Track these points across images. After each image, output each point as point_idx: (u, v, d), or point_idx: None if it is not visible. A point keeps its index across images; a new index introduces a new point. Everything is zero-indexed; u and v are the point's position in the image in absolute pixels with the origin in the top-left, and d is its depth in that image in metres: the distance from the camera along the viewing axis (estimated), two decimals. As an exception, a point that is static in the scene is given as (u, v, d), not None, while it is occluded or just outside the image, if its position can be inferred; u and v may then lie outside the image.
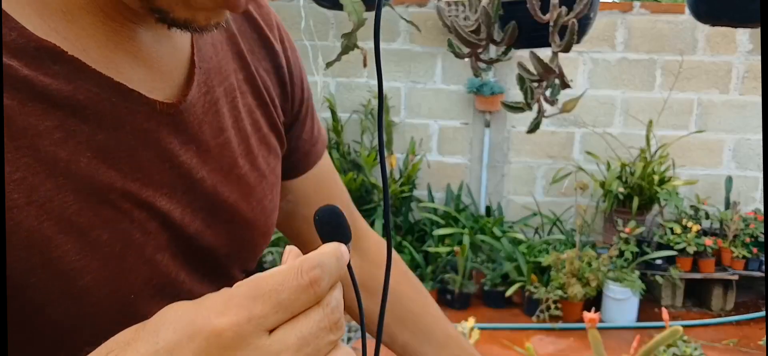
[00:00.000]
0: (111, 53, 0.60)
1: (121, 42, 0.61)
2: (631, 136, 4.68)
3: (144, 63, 0.63)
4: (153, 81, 0.64)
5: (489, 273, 4.46)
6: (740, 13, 1.95)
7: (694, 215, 4.58)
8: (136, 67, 0.62)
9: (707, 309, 4.52)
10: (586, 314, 1.66)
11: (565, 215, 4.83)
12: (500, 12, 1.81)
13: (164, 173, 0.64)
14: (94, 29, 0.59)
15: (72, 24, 0.58)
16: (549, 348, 3.94)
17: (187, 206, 0.66)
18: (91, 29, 0.59)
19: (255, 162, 0.75)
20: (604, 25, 4.57)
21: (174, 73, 0.66)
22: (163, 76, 0.65)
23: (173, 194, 0.64)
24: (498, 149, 4.88)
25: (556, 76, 1.76)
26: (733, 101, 4.67)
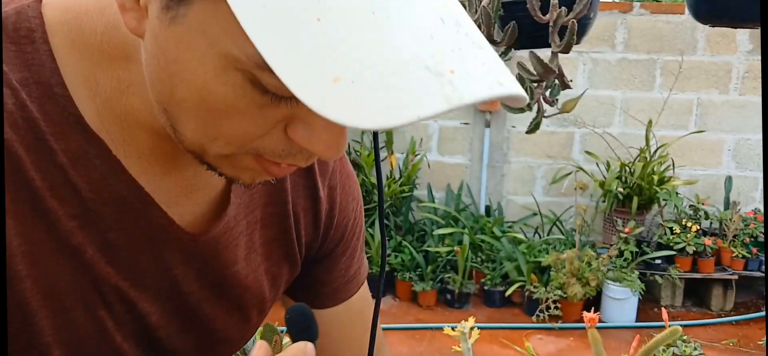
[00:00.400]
0: (149, 165, 0.62)
1: (163, 159, 0.63)
2: (631, 136, 4.68)
3: (178, 183, 0.65)
4: (182, 202, 0.66)
5: (489, 272, 4.47)
6: (740, 13, 1.95)
7: (693, 215, 4.58)
8: (170, 184, 0.64)
9: (707, 309, 4.52)
10: (586, 314, 1.66)
11: (564, 215, 4.83)
12: (500, 12, 1.81)
13: (156, 280, 0.66)
14: (142, 142, 0.61)
15: (124, 130, 0.60)
16: (549, 348, 3.95)
17: (167, 312, 0.68)
18: (140, 141, 0.61)
19: (254, 290, 0.75)
20: (604, 25, 4.57)
21: (205, 199, 0.68)
22: (194, 199, 0.67)
23: (157, 298, 0.67)
24: (498, 149, 4.88)
25: (555, 77, 1.76)
26: (733, 101, 4.67)
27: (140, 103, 0.59)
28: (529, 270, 4.35)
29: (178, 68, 0.50)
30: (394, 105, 0.41)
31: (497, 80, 0.44)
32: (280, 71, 0.42)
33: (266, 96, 0.49)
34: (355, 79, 0.42)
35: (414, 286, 4.40)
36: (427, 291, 4.38)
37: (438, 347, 3.83)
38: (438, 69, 0.42)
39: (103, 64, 0.58)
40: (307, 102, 0.42)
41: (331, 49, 0.42)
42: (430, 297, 4.40)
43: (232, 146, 0.53)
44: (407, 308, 4.40)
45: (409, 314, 4.31)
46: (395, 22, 0.43)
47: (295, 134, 0.52)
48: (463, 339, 2.04)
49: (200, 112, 0.51)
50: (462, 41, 0.45)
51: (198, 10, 0.47)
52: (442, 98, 0.42)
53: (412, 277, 4.44)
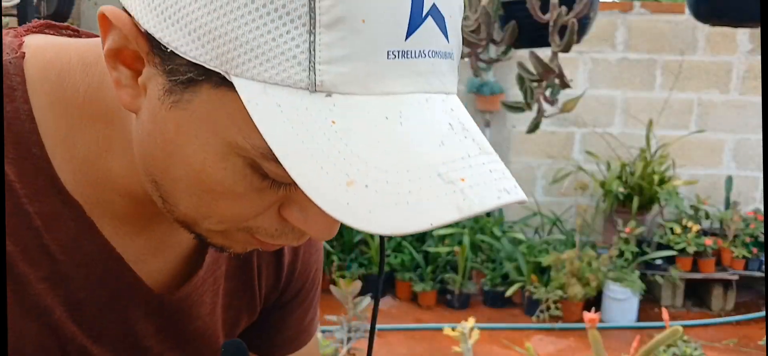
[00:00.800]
0: (122, 225, 0.62)
1: (136, 220, 0.62)
2: (631, 136, 4.68)
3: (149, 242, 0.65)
4: (151, 260, 0.65)
5: (489, 273, 4.46)
6: (740, 13, 1.95)
7: (694, 215, 4.58)
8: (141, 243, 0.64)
9: (707, 309, 4.52)
10: (586, 314, 1.66)
11: (565, 215, 4.83)
12: (500, 12, 1.81)
13: (119, 335, 0.66)
14: (117, 205, 0.60)
15: (100, 193, 0.59)
16: (549, 348, 3.94)
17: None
18: (116, 204, 0.60)
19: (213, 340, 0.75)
20: (604, 25, 4.57)
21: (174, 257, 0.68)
22: (164, 257, 0.66)
23: (116, 351, 0.66)
24: (498, 149, 4.85)
25: (555, 76, 1.76)
26: (733, 100, 4.67)
27: (119, 167, 0.58)
28: (530, 270, 4.35)
29: (176, 149, 0.50)
30: (407, 212, 0.42)
31: (504, 188, 0.46)
32: (294, 172, 0.43)
33: (266, 181, 0.49)
34: (368, 183, 0.43)
35: (414, 286, 4.40)
36: (427, 292, 4.37)
37: (438, 347, 3.82)
38: (449, 177, 0.44)
39: (83, 124, 0.58)
40: (322, 205, 0.43)
41: (346, 152, 0.43)
42: (430, 298, 4.40)
43: (226, 224, 0.53)
44: (407, 308, 4.40)
45: (409, 314, 4.31)
46: (408, 128, 0.44)
47: (290, 216, 0.52)
48: (463, 340, 2.04)
49: (196, 191, 0.51)
50: (470, 147, 0.46)
51: (205, 99, 0.47)
52: (454, 207, 0.43)
53: (412, 277, 4.44)
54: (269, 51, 0.43)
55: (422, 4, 0.45)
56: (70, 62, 0.58)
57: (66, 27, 0.64)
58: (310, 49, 0.43)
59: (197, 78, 0.46)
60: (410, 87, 0.45)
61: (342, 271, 4.35)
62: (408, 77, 0.45)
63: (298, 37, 0.43)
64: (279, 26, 0.43)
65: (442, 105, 0.47)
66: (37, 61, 0.58)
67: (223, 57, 0.44)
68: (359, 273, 4.33)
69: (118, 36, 0.49)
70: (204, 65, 0.45)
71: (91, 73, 0.57)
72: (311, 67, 0.43)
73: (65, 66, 0.58)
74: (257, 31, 0.43)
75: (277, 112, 0.43)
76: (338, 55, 0.43)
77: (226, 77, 0.45)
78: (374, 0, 0.43)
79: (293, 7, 0.42)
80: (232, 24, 0.43)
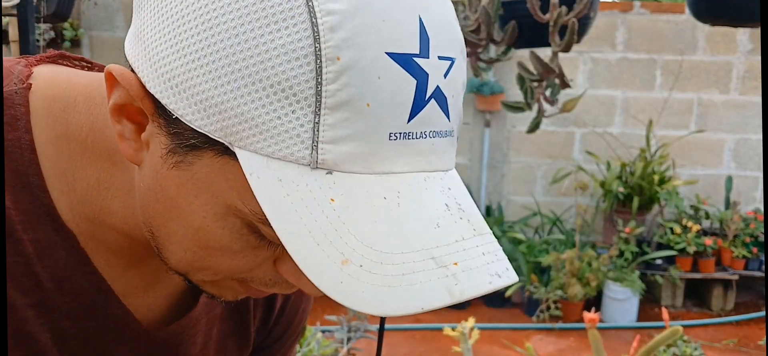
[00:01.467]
0: (115, 259, 0.62)
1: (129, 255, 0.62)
2: (631, 136, 4.68)
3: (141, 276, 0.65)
4: (142, 294, 0.65)
5: (489, 272, 4.46)
6: (740, 12, 1.95)
7: (694, 215, 4.58)
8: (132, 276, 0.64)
9: (707, 309, 4.52)
10: (586, 314, 1.66)
11: (565, 215, 4.83)
12: (500, 12, 1.81)
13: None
14: (112, 240, 0.61)
15: (95, 228, 0.60)
16: (549, 348, 3.94)
17: None
18: (110, 239, 0.60)
19: None
20: (604, 25, 4.57)
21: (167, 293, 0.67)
22: (156, 292, 0.66)
23: None
24: (498, 148, 4.87)
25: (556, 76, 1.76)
26: (733, 100, 4.67)
27: (118, 206, 0.59)
28: (530, 270, 4.35)
29: (176, 206, 0.50)
30: (400, 294, 0.43)
31: (496, 272, 0.47)
32: (291, 247, 0.44)
33: (263, 241, 0.50)
34: (363, 263, 0.44)
35: (414, 286, 4.40)
36: (427, 291, 4.37)
37: (438, 347, 3.83)
38: (443, 261, 0.45)
39: (84, 161, 0.58)
40: (317, 283, 0.44)
41: (342, 231, 0.44)
42: (430, 297, 4.40)
43: (219, 276, 0.54)
44: (407, 308, 4.40)
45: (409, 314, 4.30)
46: (405, 209, 0.45)
47: (284, 270, 0.53)
48: (463, 340, 2.04)
49: (192, 246, 0.52)
50: (464, 230, 0.47)
51: (207, 164, 0.47)
52: (446, 291, 0.44)
53: (412, 277, 4.44)
54: (274, 128, 0.44)
55: (426, 88, 0.46)
56: (76, 99, 0.58)
57: (80, 59, 0.65)
58: (315, 129, 0.44)
59: (201, 145, 0.47)
60: (409, 166, 0.46)
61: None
62: (408, 157, 0.46)
63: (303, 117, 0.44)
64: (285, 106, 0.44)
65: (439, 184, 0.48)
66: (44, 94, 0.58)
67: (228, 129, 0.45)
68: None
69: (124, 93, 0.50)
70: (208, 135, 0.46)
71: (95, 113, 0.58)
72: (314, 145, 0.44)
73: (71, 102, 0.58)
74: (263, 109, 0.44)
75: (278, 186, 0.44)
76: (341, 136, 0.44)
77: (230, 148, 0.46)
78: (380, 84, 0.44)
79: (300, 89, 0.43)
80: (239, 100, 0.44)
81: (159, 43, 0.47)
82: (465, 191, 0.50)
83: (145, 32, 0.49)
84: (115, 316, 0.63)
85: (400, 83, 0.44)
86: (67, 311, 0.61)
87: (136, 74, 0.49)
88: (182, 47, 0.46)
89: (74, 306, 0.61)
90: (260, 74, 0.43)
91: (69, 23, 4.50)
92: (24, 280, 0.58)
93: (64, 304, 0.60)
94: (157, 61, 0.47)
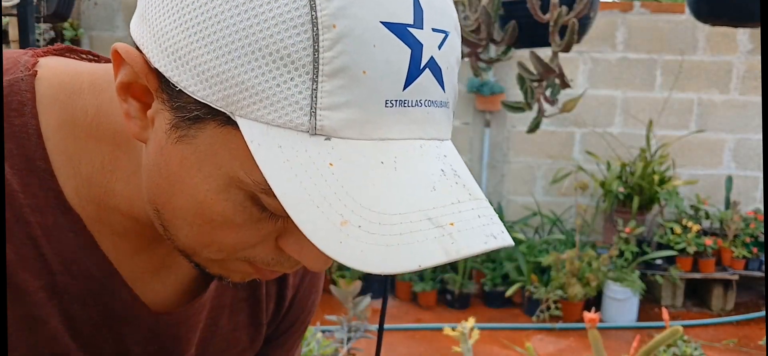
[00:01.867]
0: (122, 243, 0.63)
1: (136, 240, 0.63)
2: (631, 136, 4.68)
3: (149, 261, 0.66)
4: (150, 280, 0.66)
5: (489, 273, 4.46)
6: (740, 12, 1.95)
7: (694, 215, 4.58)
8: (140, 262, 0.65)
9: (707, 309, 4.52)
10: (586, 314, 1.66)
11: (565, 215, 4.83)
12: (500, 11, 1.81)
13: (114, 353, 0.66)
14: (118, 224, 0.62)
15: (102, 211, 0.61)
16: (549, 348, 3.94)
17: None
18: (116, 222, 0.62)
19: None
20: (604, 24, 4.57)
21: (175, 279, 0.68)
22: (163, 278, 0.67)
23: None
24: (498, 148, 4.87)
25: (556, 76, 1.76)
26: (733, 100, 4.67)
27: (124, 188, 0.60)
28: (530, 270, 4.35)
29: (180, 180, 0.52)
30: (397, 253, 0.44)
31: (491, 233, 0.48)
32: (292, 210, 0.45)
33: (264, 213, 0.51)
34: (362, 224, 0.45)
35: (414, 286, 4.40)
36: (427, 291, 4.37)
37: (438, 347, 3.83)
38: (439, 222, 0.46)
39: (90, 145, 0.60)
40: (316, 243, 0.45)
41: (341, 194, 0.45)
42: (430, 298, 4.40)
43: (224, 253, 0.55)
44: (407, 308, 4.40)
45: (409, 314, 4.31)
46: (401, 173, 0.47)
47: (287, 246, 0.54)
48: (463, 340, 2.04)
49: (196, 221, 0.53)
50: (460, 193, 0.48)
51: (209, 135, 0.49)
52: (442, 250, 0.45)
53: (412, 277, 4.44)
54: (273, 96, 0.45)
55: (421, 57, 0.47)
56: (82, 86, 0.60)
57: (87, 52, 0.66)
58: (313, 95, 0.45)
59: (203, 116, 0.48)
60: (406, 134, 0.48)
61: (342, 271, 4.35)
62: (404, 124, 0.47)
63: (301, 85, 0.45)
64: (284, 73, 0.45)
65: (435, 151, 0.49)
66: (50, 82, 0.60)
67: (229, 99, 0.46)
68: (359, 273, 4.33)
69: (130, 71, 0.51)
70: (210, 105, 0.47)
71: (101, 98, 0.59)
72: (312, 112, 0.45)
73: (77, 89, 0.60)
74: (263, 77, 0.45)
75: (278, 152, 0.46)
76: (339, 102, 0.45)
77: (231, 117, 0.47)
78: (375, 53, 0.45)
79: (298, 57, 0.45)
80: (240, 69, 0.46)
81: (162, 18, 0.49)
82: (461, 160, 0.51)
83: (148, 11, 0.51)
84: (123, 301, 0.64)
85: (395, 52, 0.46)
86: (76, 294, 0.62)
87: (142, 52, 0.51)
88: (184, 20, 0.47)
89: (83, 289, 0.62)
90: (259, 43, 0.45)
91: (69, 23, 4.50)
92: (33, 263, 0.59)
93: (73, 287, 0.61)
94: (160, 36, 0.49)
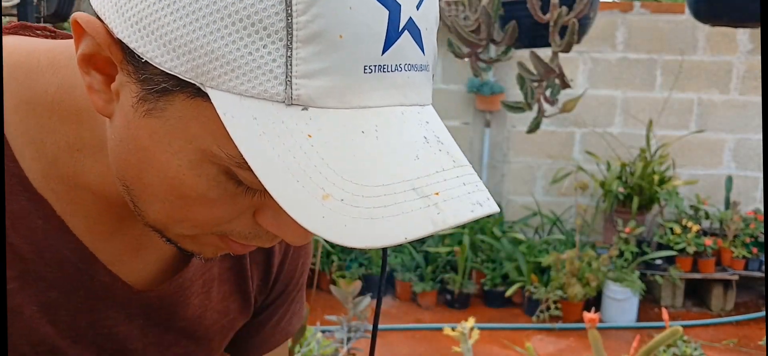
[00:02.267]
0: (95, 225, 0.61)
1: (109, 220, 0.61)
2: (631, 136, 4.68)
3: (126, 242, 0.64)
4: (129, 260, 0.64)
5: (489, 272, 4.46)
6: (740, 13, 1.95)
7: (694, 215, 4.58)
8: (116, 243, 0.63)
9: (707, 309, 4.52)
10: (586, 314, 1.66)
11: (565, 215, 4.83)
12: (500, 12, 1.81)
13: (97, 338, 0.64)
14: (89, 203, 0.60)
15: (70, 191, 0.59)
16: (549, 348, 3.94)
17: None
18: (87, 202, 0.59)
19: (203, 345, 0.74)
20: (604, 25, 4.57)
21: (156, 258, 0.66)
22: (143, 257, 0.65)
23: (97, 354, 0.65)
24: (498, 148, 4.88)
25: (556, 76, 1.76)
26: (733, 100, 4.67)
27: (91, 166, 0.58)
28: (529, 270, 4.35)
29: (149, 156, 0.49)
30: (382, 226, 0.43)
31: (477, 201, 0.46)
32: (270, 185, 0.43)
33: (240, 187, 0.49)
34: (344, 197, 0.43)
35: (414, 286, 4.40)
36: (427, 292, 4.37)
37: (438, 347, 3.83)
38: (424, 191, 0.44)
39: (52, 124, 0.57)
40: (298, 219, 0.43)
41: (321, 166, 0.43)
42: (430, 298, 4.40)
43: (198, 229, 0.53)
44: (407, 308, 4.40)
45: (409, 314, 4.31)
46: (383, 142, 0.45)
47: (264, 221, 0.52)
48: (463, 340, 2.04)
49: (169, 197, 0.51)
50: (444, 160, 0.46)
51: (179, 108, 0.46)
52: (429, 220, 0.43)
53: (412, 277, 4.44)
54: (245, 65, 0.43)
55: (399, 19, 0.45)
56: (40, 63, 0.57)
57: (42, 28, 0.63)
58: (287, 63, 0.43)
59: (172, 89, 0.46)
60: (386, 100, 0.45)
61: (342, 271, 4.36)
62: (384, 90, 0.45)
63: (274, 52, 0.43)
64: (256, 40, 0.43)
65: (417, 117, 0.47)
66: (6, 62, 0.57)
67: (199, 69, 0.44)
68: (359, 273, 4.33)
69: (91, 43, 0.48)
70: (179, 76, 0.45)
71: (62, 74, 0.57)
72: (288, 81, 0.43)
73: (34, 67, 0.57)
74: (233, 44, 0.43)
75: (253, 124, 0.43)
76: (315, 70, 0.43)
77: (202, 89, 0.44)
78: (352, 16, 0.43)
79: (270, 23, 0.42)
80: (208, 37, 0.43)
81: None
82: (442, 126, 0.49)
83: None
84: (103, 283, 0.62)
85: (373, 13, 0.44)
86: (52, 281, 0.60)
87: (103, 22, 0.48)
88: None
89: (59, 275, 0.60)
90: (229, 9, 0.42)
91: (69, 23, 4.50)
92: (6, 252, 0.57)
93: (48, 274, 0.59)
94: (122, 5, 0.46)
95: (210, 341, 0.74)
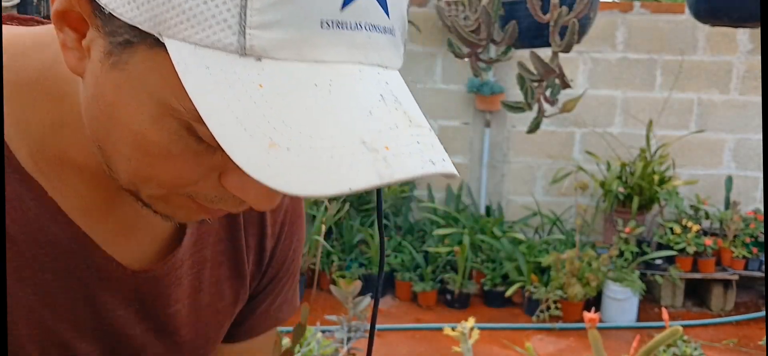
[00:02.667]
0: (88, 206, 0.61)
1: (101, 200, 0.62)
2: (631, 136, 4.68)
3: (119, 222, 0.64)
4: (123, 241, 0.64)
5: (489, 272, 4.46)
6: (740, 12, 1.95)
7: (694, 215, 4.58)
8: (110, 224, 0.63)
9: (707, 309, 4.52)
10: (586, 314, 1.66)
11: (565, 215, 4.83)
12: (500, 12, 1.81)
13: (95, 322, 0.65)
14: (79, 182, 0.60)
15: (60, 171, 0.59)
16: (549, 348, 3.94)
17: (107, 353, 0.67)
18: (77, 181, 0.60)
19: (199, 330, 0.74)
20: (604, 25, 4.57)
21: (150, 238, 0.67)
22: (137, 238, 0.65)
23: (96, 340, 0.65)
24: (498, 148, 4.87)
25: (556, 76, 1.76)
26: (733, 100, 4.67)
27: (75, 142, 0.58)
28: (530, 270, 4.35)
29: (115, 111, 0.50)
30: (327, 175, 0.42)
31: (430, 159, 0.46)
32: (217, 132, 0.43)
33: (201, 144, 0.50)
34: (290, 147, 0.43)
35: (414, 286, 4.40)
36: (427, 291, 4.37)
37: (438, 347, 3.82)
38: (373, 145, 0.44)
39: (35, 103, 0.58)
40: (241, 164, 0.43)
41: (270, 116, 0.43)
42: (430, 297, 4.40)
43: (165, 189, 0.54)
44: (407, 308, 4.40)
45: (409, 314, 4.31)
46: (336, 96, 0.44)
47: (229, 183, 0.52)
48: (463, 340, 2.04)
49: (135, 154, 0.51)
50: (399, 119, 0.46)
51: (140, 59, 0.47)
52: (375, 173, 0.43)
53: (412, 277, 4.44)
54: (200, 13, 0.43)
55: None
56: (24, 45, 0.58)
57: (30, 19, 0.64)
58: (241, 13, 0.43)
59: (133, 40, 0.47)
60: (344, 57, 0.45)
61: (342, 271, 4.35)
62: (342, 47, 0.45)
63: (229, 1, 0.43)
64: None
65: (376, 77, 0.47)
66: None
67: (157, 19, 0.45)
68: (359, 273, 4.33)
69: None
70: (139, 27, 0.46)
71: (45, 53, 0.58)
72: (241, 31, 0.43)
73: (19, 49, 0.58)
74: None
75: (206, 74, 0.44)
76: (270, 21, 0.43)
77: (160, 39, 0.45)
78: None
79: None
80: None
81: None
82: (407, 90, 0.49)
83: None
84: (98, 264, 0.63)
85: None
86: (46, 264, 0.60)
87: None
88: None
89: (52, 258, 0.60)
90: None
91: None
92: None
93: (41, 256, 0.59)
94: None
95: (205, 329, 0.74)
